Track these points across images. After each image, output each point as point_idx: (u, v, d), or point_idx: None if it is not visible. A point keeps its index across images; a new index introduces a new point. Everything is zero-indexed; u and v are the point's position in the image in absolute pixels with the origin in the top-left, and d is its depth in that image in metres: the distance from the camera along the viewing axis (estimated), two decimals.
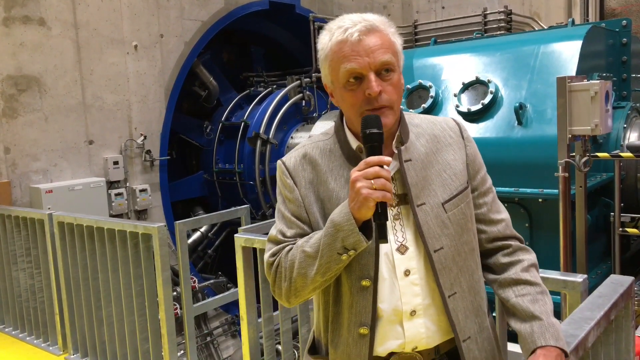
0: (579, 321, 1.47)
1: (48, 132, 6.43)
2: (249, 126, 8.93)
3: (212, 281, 8.30)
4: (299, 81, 9.01)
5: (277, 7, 9.16)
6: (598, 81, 3.71)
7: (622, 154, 4.07)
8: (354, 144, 1.48)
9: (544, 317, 1.40)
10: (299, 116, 9.20)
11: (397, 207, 1.45)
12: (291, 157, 1.55)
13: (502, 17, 8.25)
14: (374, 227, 1.34)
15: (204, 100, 9.48)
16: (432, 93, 4.84)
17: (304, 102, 9.04)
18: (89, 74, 6.82)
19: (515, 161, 4.27)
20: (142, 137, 7.36)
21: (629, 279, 1.74)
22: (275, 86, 9.69)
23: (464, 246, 1.47)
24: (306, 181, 1.49)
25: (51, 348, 4.27)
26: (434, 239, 1.43)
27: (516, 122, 4.31)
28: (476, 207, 1.53)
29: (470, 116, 4.58)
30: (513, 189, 4.26)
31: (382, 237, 1.32)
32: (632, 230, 4.21)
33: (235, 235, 3.15)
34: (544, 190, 4.11)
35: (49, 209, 5.17)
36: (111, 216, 6.75)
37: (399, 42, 1.45)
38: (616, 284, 1.70)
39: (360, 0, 10.28)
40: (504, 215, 1.57)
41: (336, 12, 10.06)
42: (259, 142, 8.65)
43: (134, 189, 7.28)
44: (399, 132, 1.47)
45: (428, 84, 4.90)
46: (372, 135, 1.33)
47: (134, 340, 3.59)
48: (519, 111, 4.26)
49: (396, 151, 1.46)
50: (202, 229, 9.18)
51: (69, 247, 3.92)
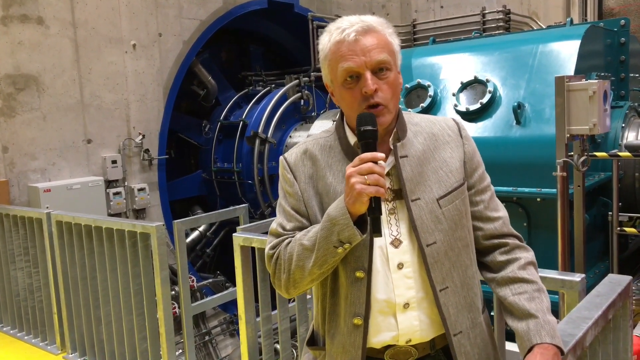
0: (577, 320, 1.47)
1: (46, 131, 6.42)
2: (248, 125, 8.93)
3: (210, 280, 8.30)
4: (297, 80, 9.01)
5: (276, 6, 9.16)
6: (596, 81, 3.71)
7: (620, 153, 4.08)
8: (352, 140, 1.52)
9: (540, 315, 1.41)
10: (297, 115, 9.20)
11: (392, 202, 1.48)
12: (292, 153, 1.60)
13: (501, 17, 8.26)
14: (368, 221, 1.37)
15: (203, 100, 9.47)
16: (431, 92, 4.84)
17: (302, 101, 9.04)
18: (88, 72, 6.81)
19: (514, 160, 4.27)
20: (141, 136, 7.36)
21: (627, 278, 1.74)
22: (273, 85, 9.69)
23: (457, 242, 1.49)
24: (306, 176, 1.54)
25: (49, 347, 4.27)
26: (427, 234, 1.46)
27: (514, 121, 4.32)
28: (473, 204, 1.56)
29: (469, 115, 4.58)
30: (511, 188, 4.27)
31: (376, 231, 1.36)
32: (630, 230, 4.22)
33: (233, 234, 3.15)
34: (542, 189, 4.11)
35: (47, 208, 5.17)
36: (109, 215, 6.75)
37: (396, 42, 1.50)
38: (614, 283, 1.71)
39: (359, 0, 10.28)
40: (501, 213, 1.59)
41: (335, 12, 10.05)
42: (257, 141, 8.65)
43: (132, 188, 7.28)
44: (395, 129, 1.51)
45: (426, 83, 4.91)
46: (366, 132, 1.38)
47: (132, 340, 3.59)
48: (518, 111, 4.26)
49: (393, 147, 1.49)
50: (201, 228, 9.18)
51: (67, 246, 3.92)
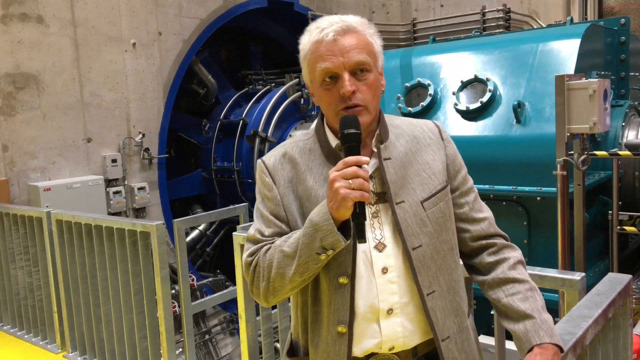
0: (577, 319, 1.47)
1: (46, 130, 6.42)
2: (248, 124, 8.93)
3: (210, 279, 8.30)
4: (297, 79, 9.00)
5: (276, 5, 9.15)
6: (596, 79, 3.71)
7: (620, 152, 4.08)
8: (334, 142, 1.48)
9: (536, 314, 1.40)
10: (297, 114, 9.20)
11: (375, 205, 1.45)
12: (271, 156, 1.55)
13: (501, 16, 8.26)
14: (352, 226, 1.34)
15: (203, 98, 9.47)
16: (431, 91, 4.84)
17: (302, 100, 9.03)
18: (87, 71, 6.80)
19: (514, 159, 4.27)
20: (141, 135, 7.36)
21: (627, 277, 1.74)
22: (273, 84, 9.69)
23: (442, 245, 1.47)
24: (285, 180, 1.50)
25: (49, 346, 4.27)
26: (413, 237, 1.43)
27: (515, 120, 4.32)
28: (458, 206, 1.54)
29: (469, 114, 4.58)
30: (511, 187, 4.27)
31: (361, 236, 1.32)
32: (630, 229, 4.22)
33: (233, 233, 3.15)
34: (542, 188, 4.11)
35: (47, 207, 5.17)
36: (109, 214, 6.75)
37: (377, 42, 1.46)
38: (614, 282, 1.71)
39: None
40: (486, 213, 1.57)
41: (335, 10, 10.05)
42: (257, 140, 8.65)
43: (132, 187, 7.28)
44: (378, 131, 1.48)
45: (427, 82, 4.90)
46: (349, 136, 1.34)
47: (133, 339, 3.59)
48: (518, 109, 4.26)
49: (375, 150, 1.47)
50: (201, 227, 9.18)
51: (67, 245, 3.92)
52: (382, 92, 1.51)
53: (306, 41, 1.45)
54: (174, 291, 6.05)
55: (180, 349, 4.75)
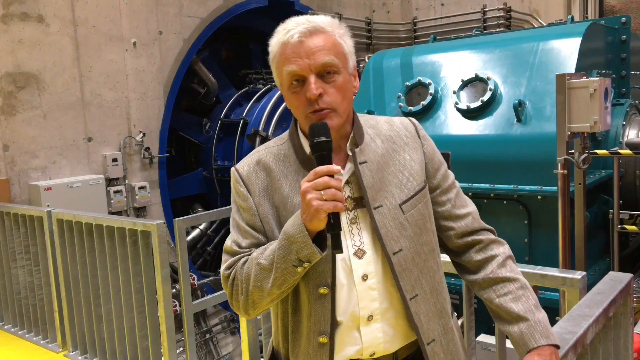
0: (578, 318, 1.47)
1: (47, 129, 6.42)
2: (248, 123, 8.93)
3: (211, 278, 8.31)
4: None
5: (276, 4, 9.15)
6: (597, 78, 3.71)
7: (621, 151, 4.07)
8: (308, 148, 1.42)
9: (530, 315, 1.38)
10: None
11: (353, 211, 1.41)
12: (245, 164, 1.51)
13: (502, 14, 8.25)
14: (328, 237, 1.30)
15: (203, 98, 9.47)
16: (431, 90, 4.83)
17: None
18: (88, 71, 6.81)
19: (514, 158, 4.27)
20: (141, 135, 7.36)
21: (628, 276, 1.74)
22: (274, 83, 9.68)
23: (423, 247, 1.44)
24: (260, 189, 1.45)
25: (50, 345, 4.28)
26: (393, 241, 1.40)
27: (515, 119, 4.31)
28: (440, 204, 1.51)
29: (469, 113, 4.58)
30: (512, 186, 4.27)
31: (337, 247, 1.28)
32: (630, 228, 4.22)
33: None
34: (543, 187, 4.11)
35: (47, 206, 5.17)
36: (110, 213, 6.76)
37: (348, 43, 1.42)
38: (615, 281, 1.71)
39: None
40: (470, 208, 1.53)
41: (335, 9, 10.05)
42: (258, 139, 8.64)
43: (132, 186, 7.28)
44: (352, 134, 1.43)
45: (427, 81, 4.90)
46: (320, 144, 1.29)
47: (133, 338, 3.59)
48: (518, 108, 4.26)
49: (351, 154, 1.42)
50: (201, 226, 9.18)
51: (68, 244, 3.92)
52: (355, 93, 1.46)
53: (274, 43, 1.40)
54: (174, 290, 6.06)
55: (181, 348, 4.76)
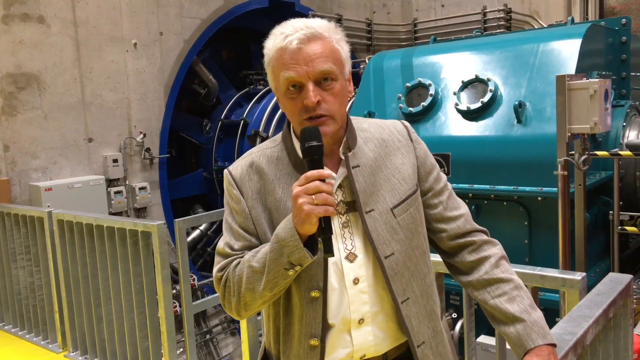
0: (578, 319, 1.47)
1: (47, 130, 6.43)
2: (249, 124, 8.93)
3: (211, 279, 8.30)
4: None
5: (277, 5, 9.16)
6: (597, 79, 3.71)
7: (621, 152, 4.07)
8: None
9: (526, 316, 1.39)
10: None
11: (346, 215, 1.42)
12: (237, 166, 1.51)
13: (502, 16, 8.26)
14: (319, 241, 1.31)
15: (204, 98, 9.47)
16: (432, 91, 4.84)
17: None
18: (89, 71, 6.81)
19: (515, 159, 4.27)
20: (142, 135, 7.37)
21: (628, 277, 1.74)
22: None
23: (414, 250, 1.45)
24: (253, 191, 1.46)
25: (51, 346, 4.28)
26: (384, 245, 1.41)
27: (515, 120, 4.32)
28: (432, 207, 1.52)
29: (470, 114, 4.58)
30: (512, 187, 4.27)
31: (328, 251, 1.29)
32: (631, 229, 4.21)
33: None
34: (543, 188, 4.11)
35: (48, 206, 5.17)
36: (111, 214, 6.76)
37: (345, 49, 1.42)
38: (615, 282, 1.71)
39: None
40: (462, 210, 1.54)
41: (336, 10, 10.06)
42: (258, 140, 8.64)
43: (133, 187, 7.29)
44: (345, 138, 1.44)
45: (427, 82, 4.90)
46: (311, 149, 1.30)
47: (134, 338, 3.59)
48: (519, 109, 4.26)
49: (344, 158, 1.43)
50: (202, 227, 9.18)
51: (68, 245, 3.92)
52: (350, 98, 1.47)
53: (270, 46, 1.39)
54: (175, 291, 6.06)
55: (181, 349, 4.76)
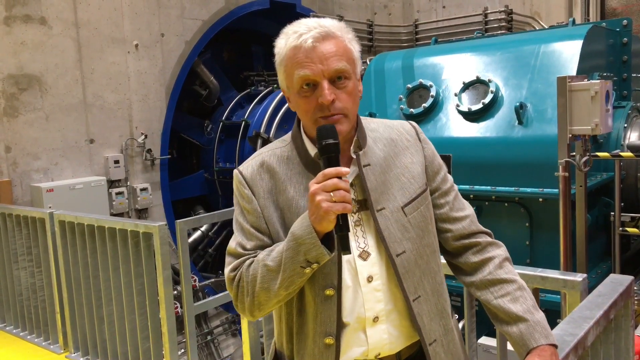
0: (579, 320, 1.47)
1: (49, 131, 6.44)
2: (250, 125, 8.94)
3: (212, 280, 8.31)
4: None
5: (278, 6, 9.17)
6: (598, 81, 3.71)
7: (622, 153, 4.07)
8: (312, 150, 1.45)
9: (529, 316, 1.39)
10: None
11: (357, 214, 1.43)
12: (248, 166, 1.51)
13: (503, 17, 8.26)
14: (336, 239, 1.32)
15: (205, 100, 9.48)
16: (433, 92, 4.84)
17: None
18: (90, 73, 6.82)
19: (516, 161, 4.27)
20: (143, 136, 7.37)
21: (629, 278, 1.74)
22: (275, 85, 9.68)
23: (425, 249, 1.46)
24: (264, 191, 1.46)
25: (52, 346, 4.28)
26: (396, 243, 1.42)
27: (517, 121, 4.32)
28: (438, 207, 1.52)
29: (471, 115, 4.58)
30: (513, 188, 4.27)
31: (345, 248, 1.30)
32: (632, 230, 4.21)
33: None
34: (544, 189, 4.11)
35: (49, 207, 5.18)
36: (112, 215, 6.76)
37: (356, 48, 1.43)
38: (616, 283, 1.71)
39: (361, 0, 10.28)
40: (467, 211, 1.55)
41: (337, 12, 10.06)
42: (259, 141, 8.65)
43: (134, 188, 7.29)
44: (356, 137, 1.45)
45: (429, 83, 4.91)
46: (328, 146, 1.31)
47: (135, 339, 3.59)
48: (520, 111, 4.26)
49: (354, 156, 1.44)
50: (203, 228, 9.19)
51: (69, 245, 3.93)
52: (360, 97, 1.47)
53: (282, 45, 1.40)
54: (176, 292, 6.07)
55: (182, 350, 4.76)
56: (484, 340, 3.68)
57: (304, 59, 1.35)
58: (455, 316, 1.59)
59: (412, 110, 4.87)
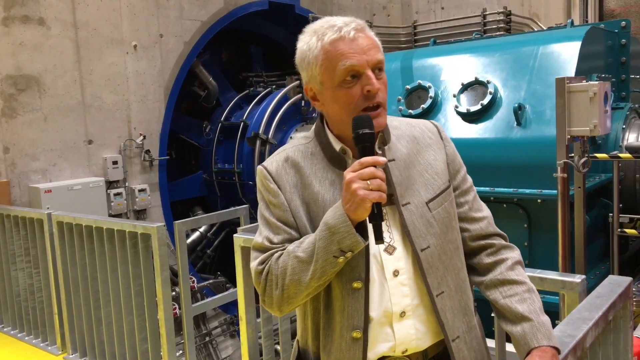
0: (577, 321, 1.47)
1: (47, 132, 6.43)
2: (248, 126, 8.94)
3: (211, 281, 8.30)
4: (298, 81, 9.00)
5: (277, 8, 9.17)
6: (597, 82, 3.71)
7: (620, 154, 4.08)
8: (337, 145, 1.47)
9: (534, 317, 1.40)
10: (298, 116, 9.21)
11: (383, 208, 1.42)
12: (272, 161, 1.52)
13: (502, 18, 8.26)
14: (369, 228, 1.33)
15: (204, 100, 9.48)
16: (432, 93, 4.84)
17: (303, 102, 9.03)
18: (89, 73, 6.82)
19: (514, 162, 4.27)
20: (142, 137, 7.36)
21: (627, 279, 1.74)
22: (274, 86, 9.70)
23: (449, 244, 1.47)
24: (290, 185, 1.47)
25: (50, 348, 4.27)
26: (420, 238, 1.43)
27: (515, 122, 4.32)
28: (458, 205, 1.54)
29: (469, 117, 4.58)
30: (512, 189, 4.27)
31: (379, 237, 1.31)
32: (630, 231, 4.21)
33: (234, 235, 3.15)
34: (543, 190, 4.11)
35: (48, 208, 5.17)
36: (110, 216, 6.75)
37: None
38: (614, 284, 1.71)
39: (360, 1, 10.29)
40: (485, 212, 1.57)
41: (336, 13, 10.07)
42: (258, 142, 8.65)
43: (133, 189, 7.28)
44: (382, 133, 1.47)
45: (427, 84, 4.91)
46: (364, 136, 1.33)
47: (133, 340, 3.59)
48: (518, 112, 4.27)
49: (379, 151, 1.45)
50: (201, 229, 9.18)
51: (68, 246, 3.92)
52: None
53: (315, 41, 1.41)
54: (174, 293, 6.05)
55: (181, 351, 4.75)
56: None
57: (348, 51, 1.37)
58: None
59: (410, 111, 4.87)
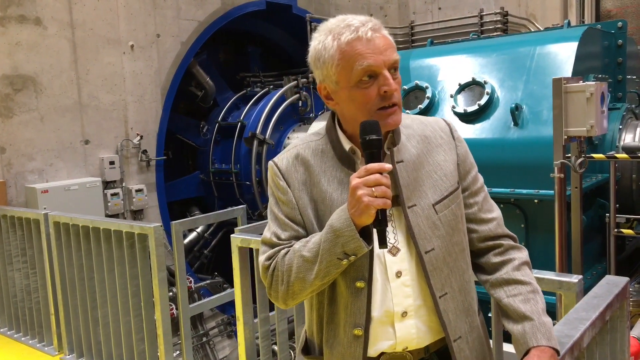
0: (574, 322, 1.47)
1: (44, 132, 6.41)
2: (246, 126, 8.92)
3: (208, 281, 8.29)
4: (295, 81, 9.01)
5: (274, 8, 9.17)
6: (594, 82, 3.72)
7: (617, 155, 4.09)
8: (347, 145, 1.47)
9: (536, 317, 1.40)
10: (295, 116, 9.20)
11: (389, 209, 1.43)
12: (283, 158, 1.53)
13: (499, 19, 8.27)
14: (373, 233, 1.34)
15: (201, 101, 9.47)
16: (429, 94, 4.85)
17: (300, 102, 9.04)
18: (85, 73, 6.80)
19: (511, 162, 4.28)
20: (139, 137, 7.35)
21: (624, 279, 1.74)
22: (272, 86, 9.69)
23: (454, 247, 1.48)
24: (299, 182, 1.49)
25: (46, 348, 4.26)
26: (425, 240, 1.44)
27: (512, 123, 4.33)
28: (467, 206, 1.54)
29: (467, 117, 4.59)
30: (509, 189, 4.27)
31: (382, 242, 1.32)
32: (627, 231, 4.23)
33: (231, 235, 3.15)
34: (540, 191, 4.12)
35: (44, 208, 5.16)
36: (107, 216, 6.74)
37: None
38: (611, 284, 1.71)
39: (357, 1, 10.28)
40: (495, 214, 1.57)
41: (333, 13, 10.06)
42: (255, 143, 8.64)
43: (130, 189, 7.27)
44: (391, 134, 1.47)
45: (424, 84, 4.91)
46: (371, 142, 1.33)
47: (130, 341, 3.58)
48: (515, 112, 4.27)
49: (388, 153, 1.46)
50: (199, 229, 9.17)
51: (64, 247, 3.91)
52: None
53: (331, 41, 1.40)
54: (171, 293, 6.04)
55: (178, 352, 4.74)
56: None
57: (365, 50, 1.37)
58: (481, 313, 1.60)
59: (408, 111, 4.87)
